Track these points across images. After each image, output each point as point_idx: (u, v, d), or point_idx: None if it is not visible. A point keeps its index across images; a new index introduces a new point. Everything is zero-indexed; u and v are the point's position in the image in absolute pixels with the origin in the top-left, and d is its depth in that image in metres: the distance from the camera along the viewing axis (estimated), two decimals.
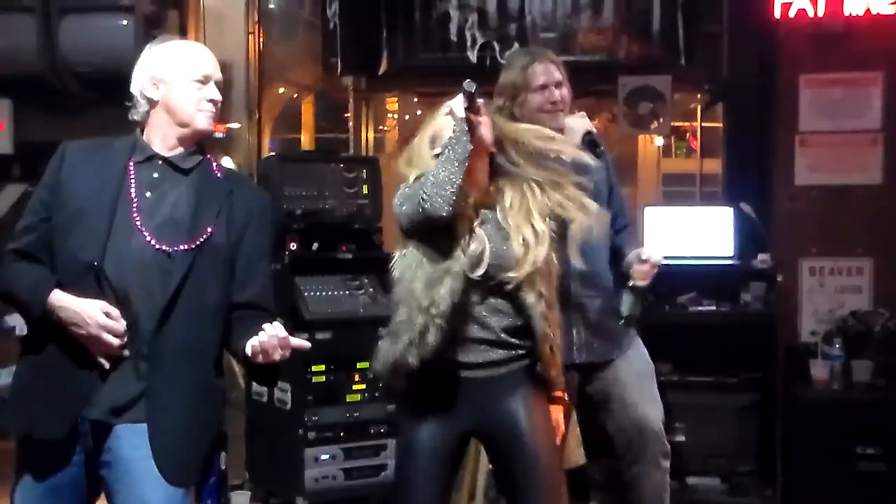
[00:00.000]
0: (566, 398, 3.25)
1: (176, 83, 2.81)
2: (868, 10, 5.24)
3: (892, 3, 5.23)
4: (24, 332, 2.88)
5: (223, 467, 5.28)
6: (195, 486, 2.88)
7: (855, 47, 5.34)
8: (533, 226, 2.96)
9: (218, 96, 2.87)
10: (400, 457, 3.17)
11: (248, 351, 2.66)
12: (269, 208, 3.05)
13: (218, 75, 2.89)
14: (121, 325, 2.66)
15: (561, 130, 3.62)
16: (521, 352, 3.01)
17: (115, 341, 2.65)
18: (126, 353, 2.68)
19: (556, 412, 3.18)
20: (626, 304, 3.73)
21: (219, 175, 2.93)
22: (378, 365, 3.01)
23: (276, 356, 2.65)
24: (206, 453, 2.86)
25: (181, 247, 2.74)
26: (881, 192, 5.41)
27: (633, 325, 3.78)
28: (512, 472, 3.05)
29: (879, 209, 5.40)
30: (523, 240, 2.95)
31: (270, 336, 2.61)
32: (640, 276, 3.68)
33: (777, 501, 5.14)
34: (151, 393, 2.69)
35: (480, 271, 2.93)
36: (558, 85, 3.72)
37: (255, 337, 2.63)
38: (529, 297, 2.95)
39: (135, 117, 2.86)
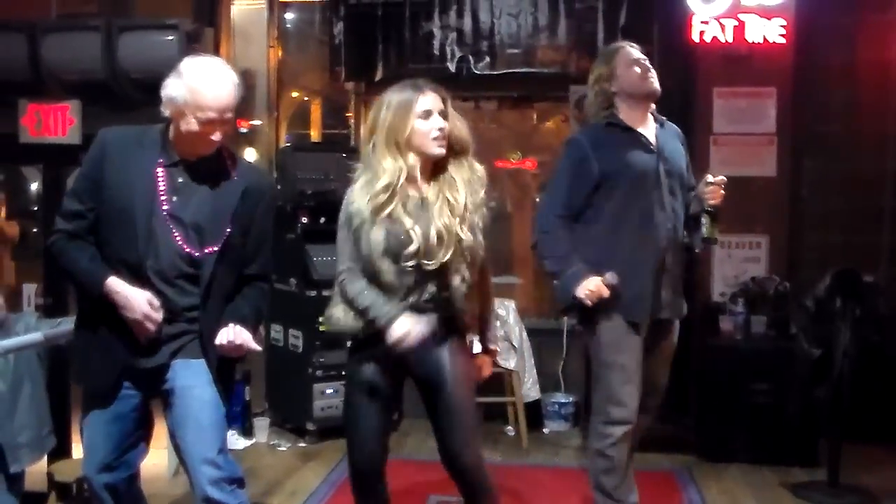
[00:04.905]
0: (497, 350, 3.26)
1: (189, 115, 2.72)
2: (765, 38, 5.48)
3: (782, 35, 5.47)
4: None
5: (247, 398, 5.52)
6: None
7: (755, 67, 5.55)
8: (447, 221, 2.92)
9: (217, 137, 2.76)
10: (347, 394, 3.17)
11: (217, 347, 2.78)
12: (275, 196, 3.09)
13: (224, 107, 2.73)
14: (160, 315, 2.74)
15: (655, 93, 3.61)
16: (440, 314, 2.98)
17: (153, 328, 2.75)
18: (160, 331, 2.76)
19: (485, 362, 3.23)
20: (706, 226, 3.58)
21: (234, 176, 2.89)
22: (331, 325, 3.07)
23: (235, 355, 2.82)
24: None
25: (206, 250, 2.79)
26: (775, 182, 5.64)
27: (713, 244, 3.64)
28: (435, 407, 3.05)
29: (774, 196, 5.65)
30: (438, 233, 2.90)
31: (229, 342, 2.75)
32: (712, 197, 3.53)
33: (692, 427, 5.36)
34: (205, 340, 2.81)
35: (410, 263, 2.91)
36: (646, 60, 3.63)
37: (221, 333, 2.76)
38: (454, 280, 2.93)
39: (164, 114, 2.80)
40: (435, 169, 3.01)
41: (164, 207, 2.78)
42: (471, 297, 3.01)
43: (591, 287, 3.47)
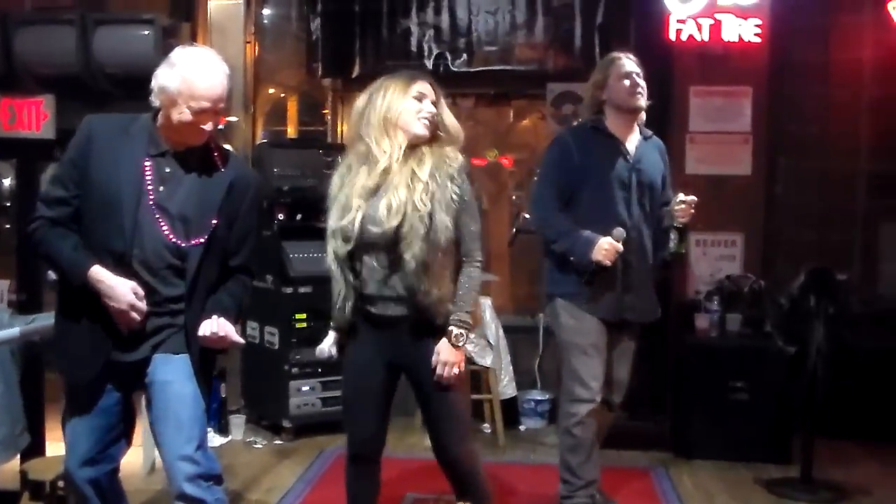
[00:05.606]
0: (462, 345, 2.99)
1: (182, 104, 2.71)
2: (741, 38, 5.53)
3: (758, 35, 5.53)
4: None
5: (223, 395, 5.49)
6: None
7: (731, 66, 5.62)
8: (402, 197, 2.94)
9: (209, 127, 2.75)
10: (345, 377, 3.19)
11: (200, 339, 2.77)
12: (260, 189, 3.09)
13: (218, 97, 2.73)
14: (144, 305, 2.72)
15: (639, 109, 3.82)
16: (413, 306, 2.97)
17: (138, 318, 2.73)
18: (144, 322, 2.73)
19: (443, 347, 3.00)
20: (674, 241, 3.78)
21: (222, 168, 2.86)
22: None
23: (217, 347, 2.80)
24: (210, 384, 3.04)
25: (192, 241, 2.77)
26: (750, 180, 5.69)
27: (680, 258, 3.83)
28: (425, 403, 3.10)
29: (749, 194, 5.70)
30: (388, 206, 2.94)
31: (212, 333, 2.74)
32: (681, 215, 3.72)
33: (667, 425, 5.42)
34: (189, 333, 2.79)
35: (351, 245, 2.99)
36: (638, 75, 3.81)
37: (204, 324, 2.75)
38: (405, 254, 2.92)
39: (154, 104, 2.76)
40: (410, 150, 3.07)
41: (151, 197, 2.74)
42: (430, 277, 2.94)
43: (606, 247, 3.65)
